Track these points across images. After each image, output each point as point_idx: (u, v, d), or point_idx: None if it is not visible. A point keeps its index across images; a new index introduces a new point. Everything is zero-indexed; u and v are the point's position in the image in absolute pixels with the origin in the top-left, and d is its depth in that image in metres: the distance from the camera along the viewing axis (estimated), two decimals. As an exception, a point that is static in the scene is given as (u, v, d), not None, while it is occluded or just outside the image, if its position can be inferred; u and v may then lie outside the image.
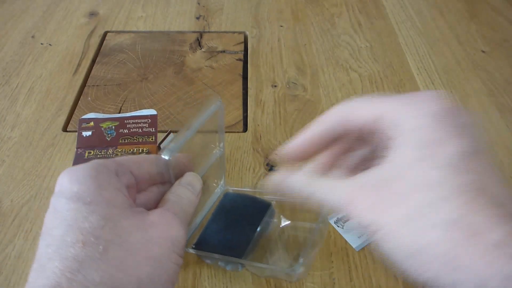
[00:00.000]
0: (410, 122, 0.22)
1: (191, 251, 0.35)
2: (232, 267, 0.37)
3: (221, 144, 0.35)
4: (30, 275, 0.21)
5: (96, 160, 0.25)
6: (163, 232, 0.23)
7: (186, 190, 0.28)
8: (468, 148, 0.21)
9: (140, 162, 0.27)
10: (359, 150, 0.27)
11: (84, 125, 0.42)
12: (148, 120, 0.42)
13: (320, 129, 0.26)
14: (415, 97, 0.23)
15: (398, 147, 0.22)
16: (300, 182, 0.26)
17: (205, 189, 0.40)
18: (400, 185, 0.21)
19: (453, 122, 0.22)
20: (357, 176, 0.23)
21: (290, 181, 0.27)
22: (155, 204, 0.27)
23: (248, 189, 0.43)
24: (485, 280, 0.19)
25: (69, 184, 0.23)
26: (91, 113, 0.44)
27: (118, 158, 0.26)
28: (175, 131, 0.50)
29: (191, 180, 0.29)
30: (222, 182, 0.41)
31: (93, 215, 0.22)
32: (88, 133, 0.41)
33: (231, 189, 0.42)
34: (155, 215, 0.24)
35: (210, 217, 0.38)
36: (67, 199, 0.22)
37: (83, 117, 0.43)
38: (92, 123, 0.42)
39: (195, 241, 0.36)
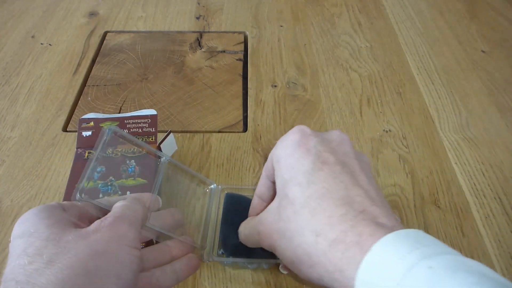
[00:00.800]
0: (278, 154, 0.29)
1: (224, 259, 0.36)
2: (255, 266, 0.37)
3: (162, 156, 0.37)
4: None
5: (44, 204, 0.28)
6: (106, 234, 0.26)
7: (130, 198, 0.31)
8: (313, 165, 0.27)
9: (83, 205, 0.30)
10: None
11: (84, 125, 0.42)
12: (148, 120, 0.42)
13: (262, 182, 0.33)
14: (286, 134, 0.30)
15: (277, 175, 0.29)
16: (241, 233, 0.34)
17: (196, 192, 0.40)
18: (281, 209, 0.28)
19: (304, 147, 0.28)
20: (262, 213, 0.31)
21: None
22: None
23: (244, 187, 0.44)
24: (332, 273, 0.24)
25: (17, 227, 0.26)
26: (91, 113, 0.44)
27: (63, 203, 0.29)
28: (175, 131, 0.50)
29: (135, 194, 0.33)
30: (213, 185, 0.41)
31: (37, 240, 0.25)
32: (88, 133, 0.41)
33: (226, 187, 0.42)
34: (96, 224, 0.27)
35: (222, 221, 0.38)
36: (16, 239, 0.25)
37: (83, 117, 0.43)
38: (92, 123, 0.42)
39: (220, 248, 0.37)
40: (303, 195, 0.26)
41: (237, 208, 0.39)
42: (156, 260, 0.32)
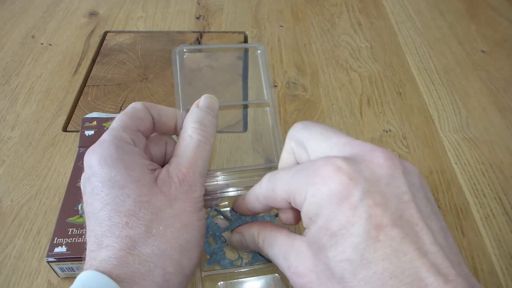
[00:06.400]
0: (316, 204, 0.22)
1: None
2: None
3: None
4: (88, 245, 0.25)
5: (113, 136, 0.27)
6: (186, 203, 0.26)
7: (207, 114, 0.30)
8: (366, 234, 0.20)
9: (160, 113, 0.30)
10: None
11: (87, 124, 0.42)
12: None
13: (254, 203, 0.28)
14: (318, 170, 0.22)
15: (307, 231, 0.23)
16: (251, 243, 0.29)
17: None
18: (321, 276, 0.22)
19: (347, 203, 0.21)
20: (289, 250, 0.25)
21: (244, 240, 0.30)
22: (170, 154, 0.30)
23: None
24: None
25: (99, 168, 0.25)
26: (94, 113, 0.45)
27: (126, 120, 0.28)
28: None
29: (209, 102, 0.31)
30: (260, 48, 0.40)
31: (129, 199, 0.25)
32: (91, 132, 0.42)
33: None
34: (174, 187, 0.26)
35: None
36: (102, 184, 0.25)
37: (86, 116, 0.43)
38: (95, 123, 0.42)
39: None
40: (356, 278, 0.20)
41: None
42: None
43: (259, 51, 0.40)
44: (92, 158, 0.26)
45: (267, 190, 0.26)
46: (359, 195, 0.21)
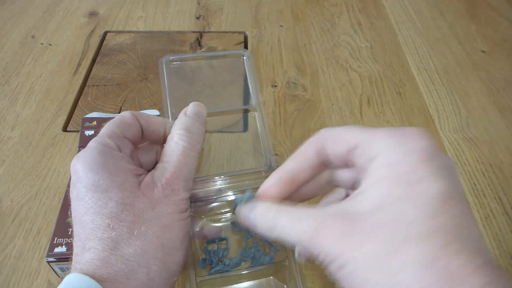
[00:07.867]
0: (389, 156, 0.22)
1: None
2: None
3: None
4: (75, 250, 0.25)
5: (98, 142, 0.27)
6: (168, 206, 0.27)
7: (194, 121, 0.31)
8: (447, 191, 0.20)
9: (148, 122, 0.31)
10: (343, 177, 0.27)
11: (87, 124, 0.42)
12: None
13: (298, 165, 0.26)
14: (397, 130, 0.22)
15: (373, 180, 0.22)
16: (262, 216, 0.26)
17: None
18: (374, 219, 0.20)
19: (433, 163, 0.21)
20: (325, 207, 0.22)
21: (253, 214, 0.26)
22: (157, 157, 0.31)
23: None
24: None
25: (84, 173, 0.26)
26: (94, 113, 0.45)
27: (112, 127, 0.29)
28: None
29: (197, 109, 0.32)
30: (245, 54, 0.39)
31: (111, 201, 0.25)
32: (91, 132, 0.42)
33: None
34: (158, 191, 0.27)
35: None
36: (86, 188, 0.25)
37: (86, 116, 0.43)
38: (95, 123, 0.42)
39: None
40: (424, 222, 0.20)
41: None
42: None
43: (244, 57, 0.41)
44: (77, 164, 0.26)
45: (318, 146, 0.25)
46: (440, 162, 0.21)
